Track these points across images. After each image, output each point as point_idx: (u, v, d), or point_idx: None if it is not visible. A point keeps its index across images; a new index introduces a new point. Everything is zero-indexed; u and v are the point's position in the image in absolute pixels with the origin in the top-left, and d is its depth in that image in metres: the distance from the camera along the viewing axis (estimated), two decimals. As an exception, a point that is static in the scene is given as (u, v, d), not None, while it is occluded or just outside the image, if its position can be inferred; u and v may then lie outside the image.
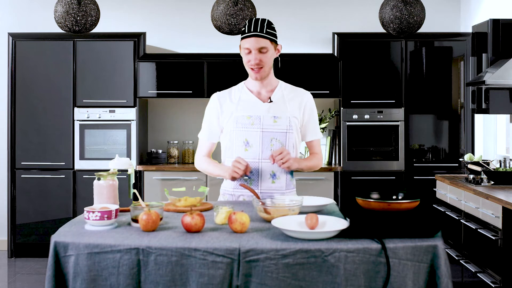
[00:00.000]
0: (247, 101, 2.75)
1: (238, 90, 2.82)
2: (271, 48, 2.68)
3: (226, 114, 2.75)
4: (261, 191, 2.69)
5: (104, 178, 2.39)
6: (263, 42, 2.65)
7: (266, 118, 2.70)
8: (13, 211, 5.43)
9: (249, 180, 2.70)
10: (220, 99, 2.80)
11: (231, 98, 2.79)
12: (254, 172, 2.70)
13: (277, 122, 2.70)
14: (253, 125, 2.69)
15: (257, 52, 2.65)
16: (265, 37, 2.65)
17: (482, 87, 4.27)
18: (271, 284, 1.86)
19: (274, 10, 5.71)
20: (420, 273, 1.91)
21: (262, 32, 2.64)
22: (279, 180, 2.72)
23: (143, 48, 5.47)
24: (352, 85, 5.40)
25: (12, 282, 4.76)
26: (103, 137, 5.41)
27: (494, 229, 3.43)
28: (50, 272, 1.94)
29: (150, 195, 5.29)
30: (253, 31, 2.65)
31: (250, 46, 2.65)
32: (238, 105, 2.75)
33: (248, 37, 2.66)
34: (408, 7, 3.90)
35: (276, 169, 2.70)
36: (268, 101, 2.74)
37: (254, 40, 2.64)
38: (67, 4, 3.92)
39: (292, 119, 2.72)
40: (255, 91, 2.78)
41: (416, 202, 2.09)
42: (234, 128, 2.72)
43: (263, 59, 2.67)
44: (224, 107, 2.77)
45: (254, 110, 2.72)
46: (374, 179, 5.34)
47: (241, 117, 2.71)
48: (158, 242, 1.93)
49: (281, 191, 2.72)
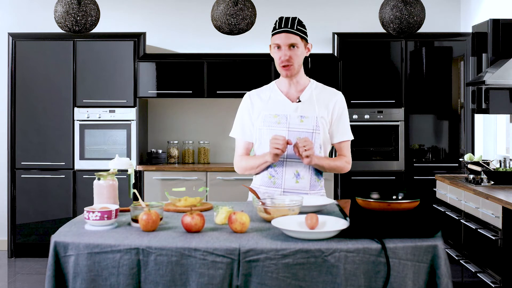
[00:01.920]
0: (276, 100, 2.75)
1: (269, 89, 2.81)
2: (301, 45, 2.68)
3: (256, 112, 2.76)
4: (284, 190, 2.68)
5: (104, 178, 2.39)
6: (294, 38, 2.65)
7: (293, 117, 2.69)
8: (13, 211, 5.43)
9: (273, 179, 2.70)
10: (252, 98, 2.80)
11: (261, 97, 2.79)
12: (278, 171, 2.69)
13: (304, 122, 2.68)
14: (280, 124, 2.68)
15: (287, 49, 2.65)
16: (295, 33, 2.65)
17: (482, 87, 4.27)
18: (271, 284, 1.86)
19: (274, 10, 5.71)
20: (420, 273, 1.91)
21: (292, 29, 2.65)
22: (303, 180, 2.69)
23: (143, 48, 5.47)
24: (352, 85, 5.40)
25: (12, 282, 4.76)
26: (103, 137, 5.41)
27: (494, 229, 3.43)
28: (50, 272, 1.94)
29: (150, 195, 5.29)
30: (284, 27, 2.65)
31: (280, 42, 2.66)
32: (267, 104, 2.75)
33: (278, 33, 2.66)
34: (408, 7, 3.90)
35: (300, 168, 2.68)
36: (296, 101, 2.74)
37: (284, 36, 2.65)
38: (67, 4, 3.92)
39: (320, 119, 2.69)
40: (284, 90, 2.77)
41: (416, 202, 2.09)
42: (261, 126, 2.72)
43: (293, 55, 2.66)
44: (255, 106, 2.77)
45: (281, 109, 2.72)
46: (374, 179, 5.34)
47: (268, 116, 2.71)
48: (158, 242, 1.93)
49: (305, 191, 2.69)
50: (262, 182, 2.73)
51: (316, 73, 5.38)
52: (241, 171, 2.81)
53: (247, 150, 2.82)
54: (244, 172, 2.80)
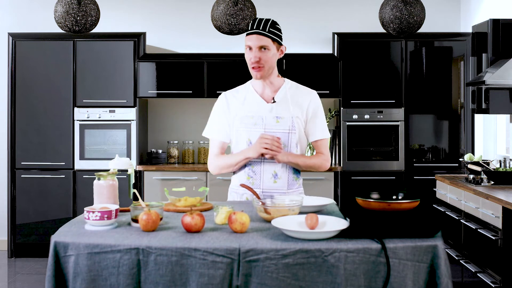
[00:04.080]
0: (252, 101, 2.76)
1: (245, 90, 2.82)
2: (272, 48, 2.69)
3: (233, 113, 2.77)
4: (263, 191, 2.69)
5: (104, 178, 2.38)
6: (265, 40, 2.66)
7: (269, 118, 2.71)
8: (13, 211, 5.43)
9: (251, 180, 2.71)
10: (228, 98, 2.81)
11: (237, 98, 2.80)
12: (256, 172, 2.70)
13: (280, 122, 2.70)
14: (256, 125, 2.70)
15: (258, 50, 2.67)
16: (266, 35, 2.66)
17: (482, 87, 4.27)
18: (271, 284, 1.86)
19: (274, 10, 5.70)
20: (420, 273, 1.91)
21: (264, 31, 2.66)
22: (281, 179, 2.71)
23: (143, 48, 5.47)
24: (352, 85, 5.40)
25: (12, 282, 4.76)
26: (103, 137, 5.41)
27: (494, 229, 3.43)
28: (50, 272, 1.94)
29: (150, 195, 5.29)
30: (255, 29, 2.67)
31: (251, 44, 2.68)
32: (243, 105, 2.76)
33: (250, 34, 2.69)
34: (408, 7, 3.90)
35: (278, 169, 2.70)
36: (271, 102, 2.75)
37: (255, 38, 2.66)
38: (67, 4, 3.92)
39: (295, 119, 2.71)
40: (259, 91, 2.78)
41: (416, 202, 2.09)
42: (238, 127, 2.73)
43: (263, 57, 2.67)
44: (231, 106, 2.78)
45: (257, 110, 2.73)
46: (374, 179, 5.34)
47: (245, 117, 2.72)
48: (158, 242, 1.93)
49: (283, 190, 2.71)
50: (240, 182, 2.73)
51: (316, 73, 5.38)
52: (217, 170, 2.78)
53: (222, 150, 2.81)
54: (220, 171, 2.77)
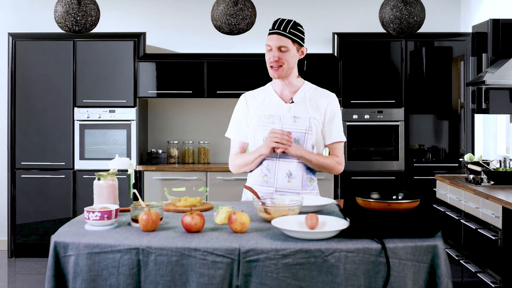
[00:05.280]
0: (270, 101, 2.79)
1: (264, 91, 2.86)
2: (292, 48, 2.71)
3: (251, 113, 2.80)
4: (276, 189, 2.70)
5: (104, 178, 2.39)
6: (284, 41, 2.69)
7: (286, 118, 2.73)
8: (13, 211, 5.43)
9: (265, 178, 2.71)
10: (247, 99, 2.85)
11: (256, 98, 2.83)
12: (270, 170, 2.71)
13: (297, 122, 2.72)
14: (273, 124, 2.72)
15: (277, 50, 2.70)
16: (286, 36, 2.69)
17: (482, 87, 4.27)
18: (271, 284, 1.87)
19: (274, 10, 5.70)
20: (420, 273, 1.91)
21: (284, 31, 2.69)
22: (295, 179, 2.71)
23: (143, 48, 5.47)
24: (352, 85, 5.40)
25: (12, 282, 4.76)
26: (103, 137, 5.41)
27: (494, 229, 3.43)
28: (50, 272, 1.94)
29: (150, 195, 5.29)
30: (276, 29, 2.70)
31: (271, 44, 2.71)
32: (261, 105, 2.79)
33: (271, 34, 2.72)
34: (408, 7, 3.90)
35: (293, 168, 2.70)
36: (290, 102, 2.77)
37: (275, 38, 2.70)
38: (67, 4, 3.92)
39: (313, 120, 2.72)
40: (278, 91, 2.81)
41: (416, 202, 2.09)
42: (256, 126, 2.76)
43: (282, 57, 2.70)
44: (250, 106, 2.82)
45: (275, 109, 2.76)
46: (374, 179, 5.34)
47: (262, 116, 2.75)
48: (158, 242, 1.93)
49: (297, 190, 2.71)
50: (255, 181, 2.76)
51: (316, 73, 5.38)
52: (236, 169, 2.84)
53: (242, 150, 2.87)
54: (239, 169, 2.83)
